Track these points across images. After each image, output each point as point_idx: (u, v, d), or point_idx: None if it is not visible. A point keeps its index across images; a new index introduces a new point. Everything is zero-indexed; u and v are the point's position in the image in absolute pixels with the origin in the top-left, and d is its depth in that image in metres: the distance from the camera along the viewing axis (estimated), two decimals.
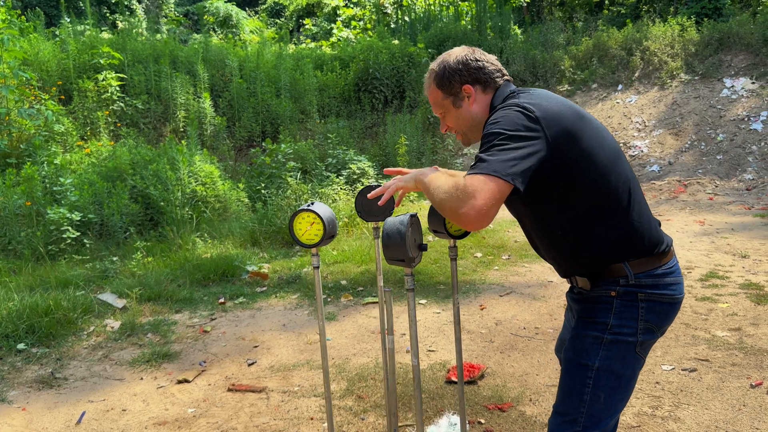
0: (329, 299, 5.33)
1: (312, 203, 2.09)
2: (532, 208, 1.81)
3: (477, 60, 1.89)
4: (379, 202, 1.88)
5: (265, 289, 5.69)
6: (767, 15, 14.35)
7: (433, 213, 2.10)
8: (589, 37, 15.28)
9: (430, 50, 14.74)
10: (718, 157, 11.03)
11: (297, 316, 4.93)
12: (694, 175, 10.75)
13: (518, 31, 17.86)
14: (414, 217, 1.78)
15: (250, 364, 4.02)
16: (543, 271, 5.91)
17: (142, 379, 3.86)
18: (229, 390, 3.61)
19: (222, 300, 5.35)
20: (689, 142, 11.63)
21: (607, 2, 28.58)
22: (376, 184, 2.41)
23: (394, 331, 4.48)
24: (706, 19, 15.23)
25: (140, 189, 7.57)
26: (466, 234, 2.12)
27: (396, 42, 15.25)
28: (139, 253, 6.42)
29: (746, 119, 11.59)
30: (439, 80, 1.90)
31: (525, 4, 22.19)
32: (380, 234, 2.53)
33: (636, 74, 13.87)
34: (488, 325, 4.53)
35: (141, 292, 5.34)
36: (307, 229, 2.06)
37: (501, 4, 18.82)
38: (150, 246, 6.77)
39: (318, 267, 2.13)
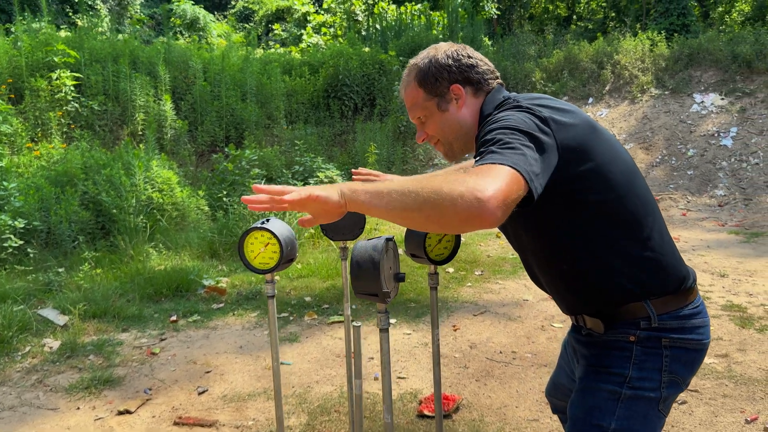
0: (291, 318, 4.96)
1: (267, 220, 1.75)
2: (533, 233, 1.51)
3: (470, 57, 1.63)
4: (249, 206, 1.33)
5: (222, 305, 5.29)
6: (734, 33, 14.52)
7: (411, 234, 1.77)
8: (560, 50, 15.24)
9: (401, 58, 14.50)
10: (689, 173, 11.00)
11: (255, 337, 4.55)
12: (666, 190, 10.68)
13: (489, 43, 17.77)
14: (390, 242, 1.46)
15: (200, 393, 3.63)
16: (517, 288, 5.65)
17: (78, 408, 3.45)
18: (176, 424, 3.23)
19: (174, 318, 4.94)
20: (660, 157, 11.60)
21: (574, 17, 28.89)
22: None
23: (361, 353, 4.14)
24: (676, 35, 15.36)
25: (92, 195, 7.09)
26: (449, 259, 1.81)
27: (367, 49, 14.97)
28: (87, 264, 5.96)
29: (716, 135, 11.61)
30: (422, 77, 1.62)
31: (495, 17, 22.20)
32: (347, 257, 2.20)
33: (607, 88, 13.85)
34: (462, 349, 4.22)
35: (86, 308, 4.90)
36: (260, 251, 1.72)
37: (472, 15, 18.74)
38: (99, 257, 6.31)
39: (273, 296, 1.78)
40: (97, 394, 3.62)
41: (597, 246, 1.43)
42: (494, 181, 1.12)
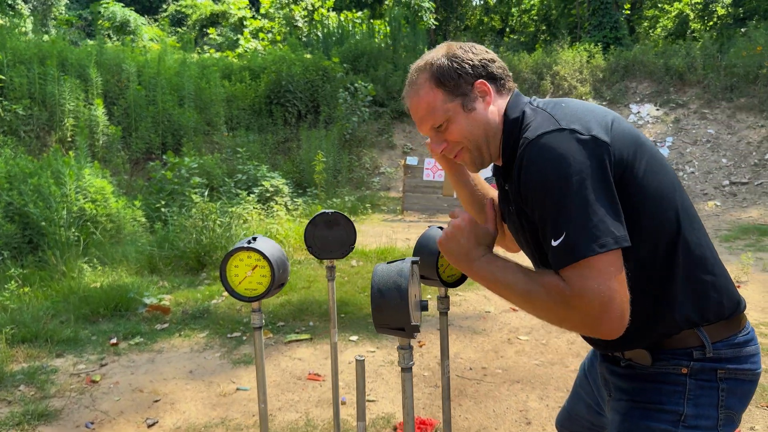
0: (244, 338, 4.63)
1: (254, 238, 1.49)
2: None
3: (486, 51, 1.46)
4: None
5: (166, 326, 4.90)
6: (666, 46, 15.09)
7: (421, 252, 1.56)
8: None
9: (345, 65, 14.31)
10: None
11: (206, 360, 4.21)
12: None
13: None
14: (415, 264, 1.23)
15: (150, 425, 3.28)
16: (478, 300, 5.51)
17: None
18: None
19: (114, 340, 4.52)
20: None
21: (507, 30, 29.56)
22: (332, 211, 1.85)
23: (324, 377, 3.88)
24: (612, 47, 15.83)
25: (17, 206, 6.51)
26: (461, 281, 1.60)
27: (309, 56, 14.69)
28: (13, 282, 5.43)
29: (653, 144, 11.97)
30: (441, 76, 1.41)
31: (433, 27, 22.36)
32: (334, 277, 1.96)
33: (546, 98, 14.10)
34: (431, 366, 4.02)
35: (13, 332, 4.42)
36: (246, 275, 1.46)
37: (413, 24, 18.76)
38: (27, 274, 5.76)
39: (260, 327, 1.52)
40: (31, 431, 3.21)
41: (646, 268, 1.28)
42: (595, 294, 1.14)
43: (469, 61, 1.41)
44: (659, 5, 25.50)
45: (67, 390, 3.72)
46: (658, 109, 12.71)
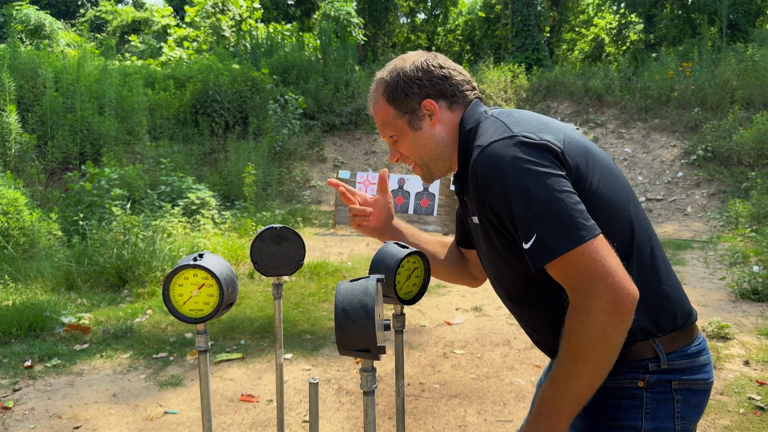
0: (172, 358, 4.41)
1: (201, 254, 1.39)
2: (521, 270, 1.32)
3: (441, 67, 1.48)
4: None
5: (86, 346, 4.60)
6: (585, 68, 15.80)
7: (377, 269, 1.50)
8: None
9: (274, 76, 14.13)
10: None
11: (131, 383, 3.97)
12: None
13: (357, 68, 17.94)
14: (380, 282, 1.18)
15: None
16: (412, 313, 5.50)
17: None
18: None
19: (29, 363, 4.20)
20: None
21: (434, 48, 30.17)
22: (281, 225, 1.77)
23: (258, 398, 3.74)
24: (534, 67, 16.41)
25: None
26: (417, 297, 1.56)
27: (237, 66, 14.41)
28: None
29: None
30: (390, 92, 1.47)
31: (362, 43, 22.52)
32: (281, 295, 1.88)
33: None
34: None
35: None
36: (191, 294, 1.36)
37: (343, 38, 18.81)
38: None
39: (206, 350, 1.43)
40: None
41: None
42: (606, 283, 1.14)
43: (418, 81, 1.44)
44: (576, 29, 26.75)
45: None
46: (578, 128, 13.26)
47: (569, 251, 1.14)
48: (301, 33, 20.23)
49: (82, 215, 7.63)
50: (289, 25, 20.61)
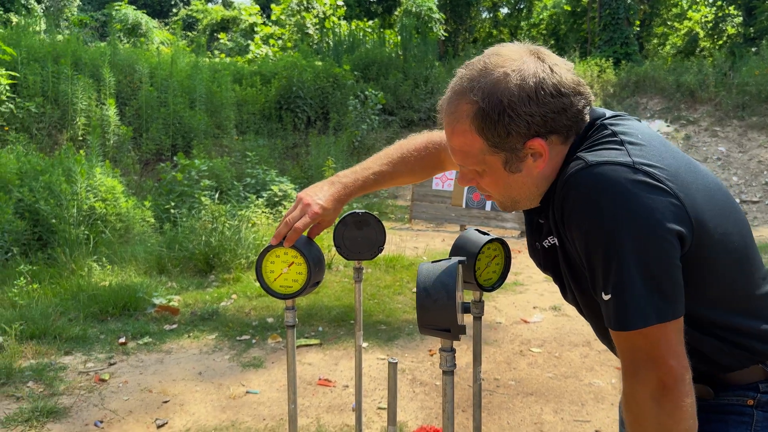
0: (254, 341, 4.59)
1: None
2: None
3: (560, 95, 1.10)
4: None
5: (175, 326, 4.86)
6: (677, 63, 15.10)
7: (459, 248, 1.53)
8: None
9: (355, 72, 14.33)
10: None
11: (215, 362, 4.17)
12: None
13: (437, 63, 17.89)
14: (461, 264, 1.20)
15: (159, 426, 3.24)
16: (488, 310, 5.47)
17: None
18: None
19: (123, 340, 4.49)
20: None
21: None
22: (363, 211, 1.82)
23: (335, 383, 3.84)
24: (623, 62, 15.83)
25: (28, 203, 6.50)
26: (498, 284, 1.57)
27: (320, 63, 14.73)
28: (22, 278, 5.39)
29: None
30: (486, 125, 1.12)
31: (442, 39, 22.41)
32: (362, 278, 1.94)
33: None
34: (438, 374, 3.97)
35: (22, 328, 4.39)
36: (282, 272, 1.43)
37: (424, 34, 18.82)
38: (36, 270, 5.74)
39: (294, 326, 1.50)
40: (40, 427, 3.18)
41: (711, 307, 1.15)
42: (648, 364, 1.04)
43: (528, 118, 1.10)
44: (669, 23, 25.56)
45: (76, 388, 3.68)
46: (668, 126, 12.71)
47: (642, 329, 1.03)
48: (382, 29, 20.39)
49: (173, 204, 8.05)
50: (370, 22, 20.81)
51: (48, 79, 9.72)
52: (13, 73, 9.32)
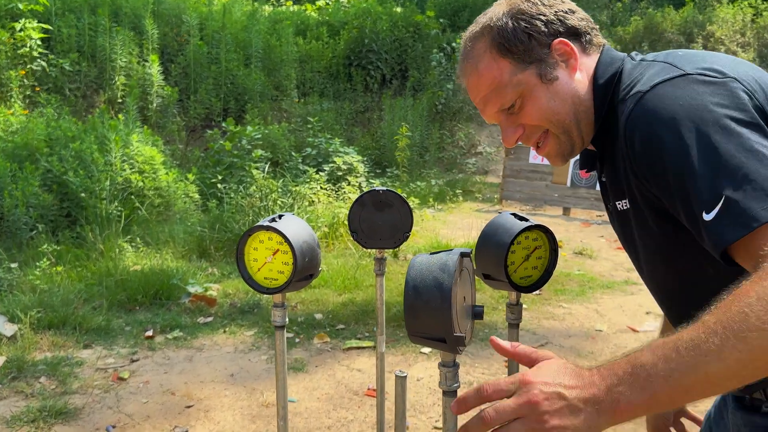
0: (298, 340, 4.68)
1: (279, 216, 1.45)
2: (689, 267, 1.20)
3: (562, 1, 1.34)
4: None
5: (210, 319, 5.03)
6: None
7: (486, 244, 1.47)
8: (639, 17, 14.83)
9: (441, 20, 14.18)
10: None
11: (251, 363, 4.28)
12: None
13: None
14: (466, 258, 1.15)
15: None
16: (587, 314, 5.31)
17: None
18: None
19: (150, 333, 4.69)
20: None
21: None
22: (383, 188, 1.78)
23: (387, 393, 3.85)
24: None
25: (56, 174, 6.90)
26: (538, 285, 1.50)
27: (399, 9, 14.69)
28: (46, 259, 5.74)
29: None
30: (505, 40, 1.28)
31: None
32: (384, 271, 1.91)
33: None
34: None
35: (40, 315, 4.67)
36: (266, 260, 1.42)
37: None
38: (62, 251, 6.09)
39: (283, 326, 1.49)
40: (47, 429, 3.38)
41: None
42: None
43: (541, 16, 1.28)
44: None
45: (91, 386, 3.89)
46: None
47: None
48: None
49: (220, 177, 8.30)
50: None
51: (84, 32, 10.23)
52: (45, 26, 9.86)
